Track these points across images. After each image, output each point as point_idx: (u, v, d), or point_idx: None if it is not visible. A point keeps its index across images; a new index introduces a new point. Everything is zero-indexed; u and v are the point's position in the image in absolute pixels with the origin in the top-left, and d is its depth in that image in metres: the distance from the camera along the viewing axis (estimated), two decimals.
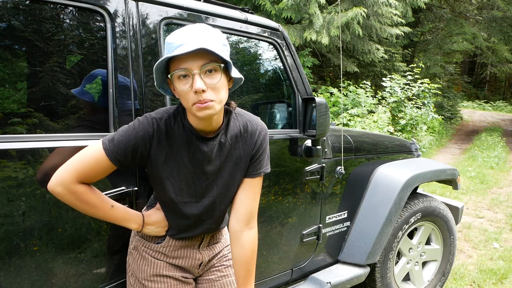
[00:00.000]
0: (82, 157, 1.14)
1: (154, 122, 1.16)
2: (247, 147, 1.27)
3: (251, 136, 1.27)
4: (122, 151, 1.13)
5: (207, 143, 1.21)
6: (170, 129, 1.18)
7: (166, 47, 1.12)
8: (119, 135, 1.15)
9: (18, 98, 1.37)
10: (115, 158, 1.13)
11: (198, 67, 1.07)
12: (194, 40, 1.07)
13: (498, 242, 3.91)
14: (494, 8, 15.53)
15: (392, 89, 8.62)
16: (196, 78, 1.06)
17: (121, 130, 1.16)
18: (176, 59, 1.08)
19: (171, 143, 1.19)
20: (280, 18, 7.55)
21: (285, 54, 1.92)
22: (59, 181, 1.12)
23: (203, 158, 1.22)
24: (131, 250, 1.36)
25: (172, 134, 1.18)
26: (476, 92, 24.92)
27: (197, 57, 1.07)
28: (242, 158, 1.27)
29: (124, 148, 1.13)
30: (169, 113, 1.20)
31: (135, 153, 1.15)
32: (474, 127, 14.28)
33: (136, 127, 1.15)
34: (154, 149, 1.17)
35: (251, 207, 1.31)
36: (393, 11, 8.56)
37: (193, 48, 1.04)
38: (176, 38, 1.09)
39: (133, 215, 1.27)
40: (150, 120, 1.16)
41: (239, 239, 1.30)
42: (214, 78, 1.09)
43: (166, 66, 1.12)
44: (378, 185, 2.32)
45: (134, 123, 1.17)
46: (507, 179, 6.83)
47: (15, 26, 1.23)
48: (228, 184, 1.28)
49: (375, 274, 2.36)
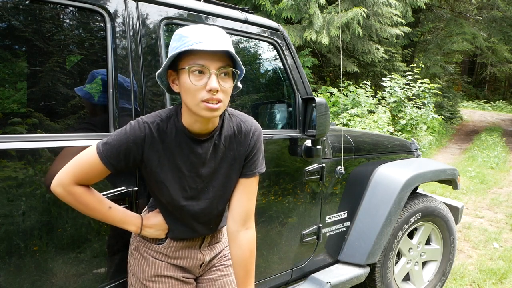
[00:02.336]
0: (78, 160, 1.15)
1: (146, 126, 1.15)
2: (241, 147, 1.27)
3: (245, 136, 1.27)
4: (114, 156, 1.14)
5: (201, 145, 1.21)
6: (163, 133, 1.18)
7: (178, 39, 1.10)
8: (111, 140, 1.15)
9: (18, 98, 1.37)
10: (108, 162, 1.14)
11: (216, 68, 1.08)
12: (216, 40, 1.07)
13: (498, 242, 3.91)
14: (494, 8, 15.52)
15: (392, 89, 8.62)
16: (213, 77, 1.08)
17: (114, 135, 1.16)
18: (193, 54, 1.08)
19: (164, 146, 1.18)
20: (280, 18, 7.55)
21: (285, 54, 1.92)
22: (58, 183, 1.14)
23: (197, 160, 1.22)
24: (132, 251, 1.36)
25: (165, 137, 1.18)
26: (476, 92, 24.92)
27: (216, 57, 1.08)
28: (236, 159, 1.27)
29: (116, 153, 1.14)
30: (162, 116, 1.19)
31: (128, 158, 1.15)
32: (474, 127, 14.28)
33: (128, 131, 1.15)
34: (147, 153, 1.17)
35: (247, 207, 1.31)
36: (393, 11, 8.56)
37: (220, 48, 1.06)
38: (194, 34, 1.08)
39: (131, 217, 1.27)
40: (142, 124, 1.16)
41: (237, 240, 1.30)
42: (227, 82, 1.12)
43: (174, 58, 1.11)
44: (378, 185, 2.32)
45: (126, 127, 1.16)
46: (507, 179, 6.83)
47: (15, 26, 1.23)
48: (224, 185, 1.28)
49: (375, 274, 2.36)
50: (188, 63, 1.09)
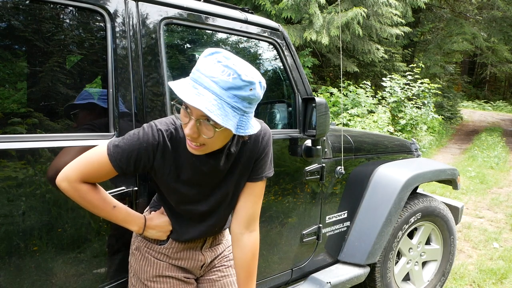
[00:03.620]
0: (87, 158, 1.15)
1: (160, 134, 1.13)
2: (252, 153, 1.25)
3: (254, 142, 1.24)
4: (125, 160, 1.12)
5: (214, 155, 1.18)
6: (175, 141, 1.16)
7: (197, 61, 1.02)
8: (124, 143, 1.13)
9: (18, 98, 1.37)
10: (117, 165, 1.13)
11: (197, 116, 1.01)
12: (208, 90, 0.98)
13: (498, 242, 3.91)
14: (494, 8, 15.51)
15: (392, 89, 8.62)
16: (190, 123, 1.03)
17: (126, 138, 1.14)
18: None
19: (176, 155, 1.17)
20: (280, 18, 7.55)
21: (285, 54, 1.92)
22: (64, 178, 1.14)
23: (208, 170, 1.20)
24: (133, 251, 1.36)
25: (178, 146, 1.16)
26: (476, 92, 24.91)
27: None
28: (246, 164, 1.25)
29: (127, 157, 1.12)
30: (176, 124, 1.17)
31: (138, 164, 1.14)
32: (474, 127, 14.28)
33: (141, 137, 1.13)
34: (158, 161, 1.16)
35: (252, 210, 1.30)
36: (393, 11, 8.57)
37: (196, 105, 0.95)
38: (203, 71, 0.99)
39: (135, 217, 1.27)
40: (156, 131, 1.13)
41: (240, 242, 1.30)
42: (210, 131, 1.03)
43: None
44: (378, 185, 2.32)
45: (139, 132, 1.14)
46: (507, 179, 6.83)
47: (15, 26, 1.23)
48: (233, 191, 1.28)
49: (375, 274, 2.36)
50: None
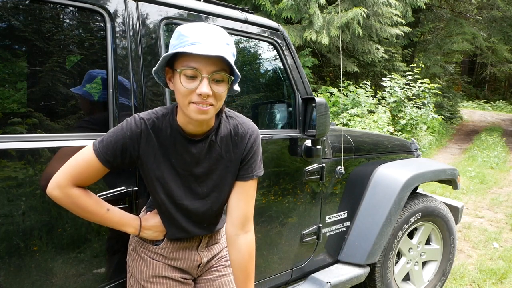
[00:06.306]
0: (75, 160, 1.15)
1: (142, 123, 1.16)
2: (238, 150, 1.26)
3: (241, 139, 1.26)
4: (111, 152, 1.14)
5: (196, 145, 1.20)
6: (158, 130, 1.18)
7: (177, 36, 1.09)
8: (108, 136, 1.15)
9: (18, 98, 1.37)
10: (105, 159, 1.14)
11: (208, 72, 1.07)
12: (212, 42, 1.06)
13: (498, 242, 3.91)
14: (494, 8, 15.53)
15: (392, 89, 8.62)
16: (204, 81, 1.06)
17: (110, 131, 1.17)
18: (187, 55, 1.07)
19: (159, 144, 1.19)
20: (280, 18, 7.55)
21: (285, 54, 1.92)
22: (55, 185, 1.14)
23: (191, 160, 1.21)
24: (130, 251, 1.36)
25: (160, 134, 1.18)
26: (476, 92, 24.91)
27: (211, 61, 1.06)
28: (232, 161, 1.26)
29: (113, 149, 1.14)
30: (158, 114, 1.20)
31: (124, 154, 1.16)
32: (474, 127, 14.27)
33: (124, 127, 1.16)
34: (143, 149, 1.17)
35: (245, 210, 1.30)
36: (393, 11, 8.57)
37: (213, 53, 1.03)
38: (192, 34, 1.07)
39: (129, 219, 1.27)
40: (138, 120, 1.16)
41: (235, 243, 1.29)
42: (221, 87, 1.10)
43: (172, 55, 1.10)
44: (378, 185, 2.32)
45: (122, 123, 1.17)
46: (507, 179, 6.83)
47: (15, 26, 1.23)
48: (219, 187, 1.28)
49: (375, 274, 2.36)
50: (182, 64, 1.08)
